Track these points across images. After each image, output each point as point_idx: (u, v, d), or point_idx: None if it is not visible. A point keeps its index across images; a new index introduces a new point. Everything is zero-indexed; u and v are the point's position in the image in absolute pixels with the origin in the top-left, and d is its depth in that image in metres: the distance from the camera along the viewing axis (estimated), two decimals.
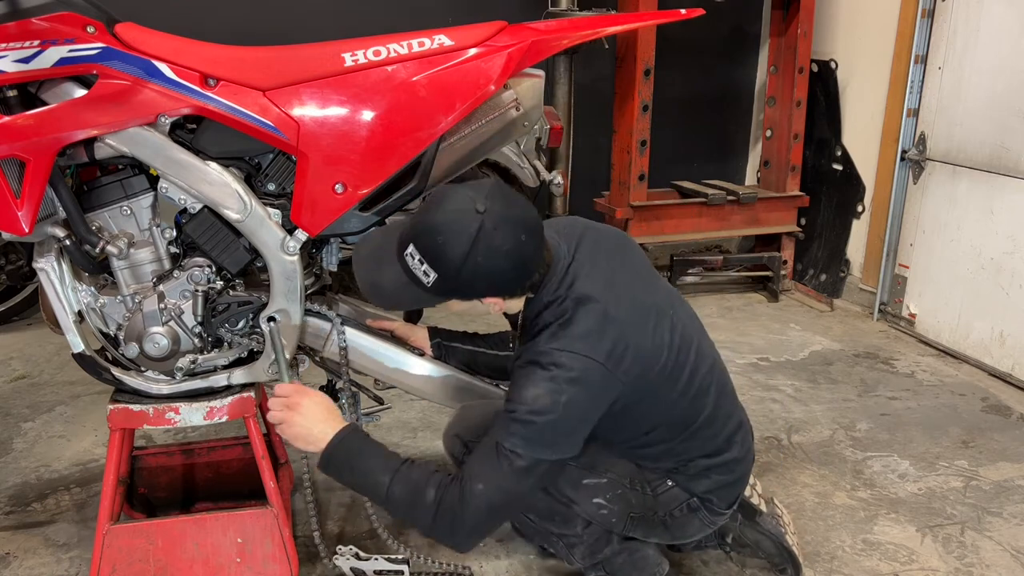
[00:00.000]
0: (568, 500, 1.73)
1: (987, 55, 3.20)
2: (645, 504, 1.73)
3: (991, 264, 3.22)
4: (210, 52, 1.70)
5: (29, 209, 1.61)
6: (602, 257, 1.65)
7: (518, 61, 1.72)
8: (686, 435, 1.70)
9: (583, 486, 1.72)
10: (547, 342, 1.54)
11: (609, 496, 1.72)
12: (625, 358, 1.54)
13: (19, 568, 2.02)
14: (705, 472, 1.73)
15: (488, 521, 1.57)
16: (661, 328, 1.62)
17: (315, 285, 1.95)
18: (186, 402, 1.82)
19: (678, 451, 1.72)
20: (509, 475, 1.51)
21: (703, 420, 1.70)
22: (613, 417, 1.60)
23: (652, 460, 1.74)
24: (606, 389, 1.54)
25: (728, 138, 4.66)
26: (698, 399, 1.69)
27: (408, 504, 1.56)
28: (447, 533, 1.56)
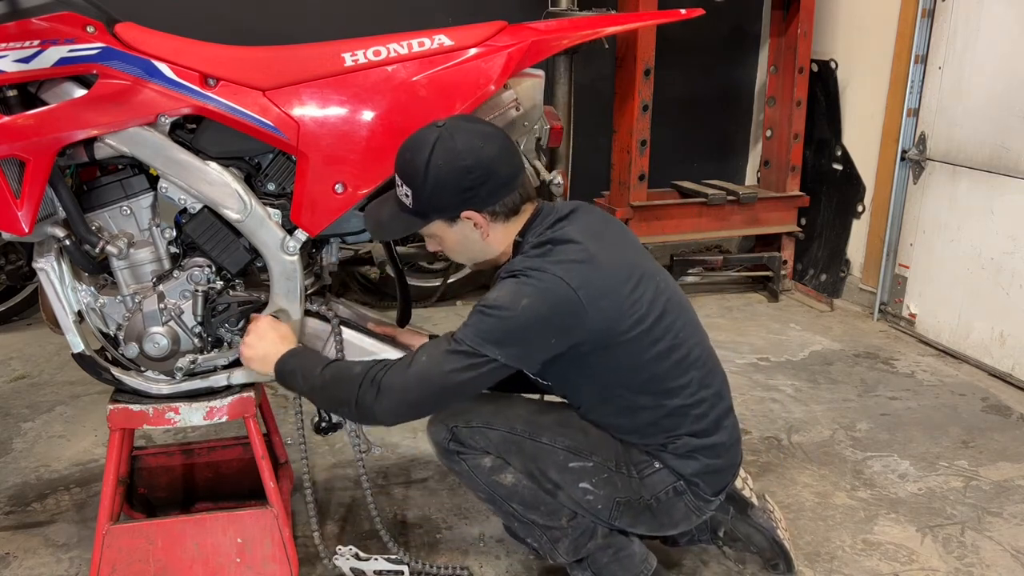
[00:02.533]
0: (554, 485, 1.72)
1: (987, 55, 3.20)
2: (631, 488, 1.71)
3: (991, 264, 3.22)
4: (210, 52, 1.70)
5: (29, 209, 1.61)
6: (596, 221, 1.69)
7: (518, 61, 1.72)
8: (673, 407, 1.68)
9: (569, 469, 1.71)
10: (523, 261, 1.59)
11: (595, 480, 1.71)
12: (596, 294, 1.55)
13: (19, 568, 2.02)
14: (692, 453, 1.70)
15: (413, 391, 1.55)
16: (644, 287, 1.63)
17: (315, 285, 1.95)
18: (186, 402, 1.82)
19: (665, 426, 1.69)
20: (448, 357, 1.53)
21: (690, 393, 1.69)
22: (587, 363, 1.61)
23: (640, 435, 1.71)
24: (571, 313, 1.54)
25: (728, 138, 4.66)
26: (684, 368, 1.68)
27: (338, 372, 1.61)
28: (365, 395, 1.55)
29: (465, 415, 1.74)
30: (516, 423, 1.73)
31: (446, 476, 2.42)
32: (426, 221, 1.63)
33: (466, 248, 1.69)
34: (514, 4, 3.84)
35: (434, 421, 1.77)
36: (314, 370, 1.64)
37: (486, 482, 1.75)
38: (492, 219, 1.63)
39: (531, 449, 1.71)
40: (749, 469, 2.46)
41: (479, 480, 1.75)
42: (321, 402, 1.71)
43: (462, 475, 1.78)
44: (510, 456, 1.73)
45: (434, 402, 1.61)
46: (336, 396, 1.61)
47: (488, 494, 1.77)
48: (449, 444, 1.75)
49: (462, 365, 1.53)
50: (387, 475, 2.44)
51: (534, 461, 1.71)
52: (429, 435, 1.79)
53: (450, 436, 1.74)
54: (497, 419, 1.74)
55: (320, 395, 1.65)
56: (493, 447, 1.73)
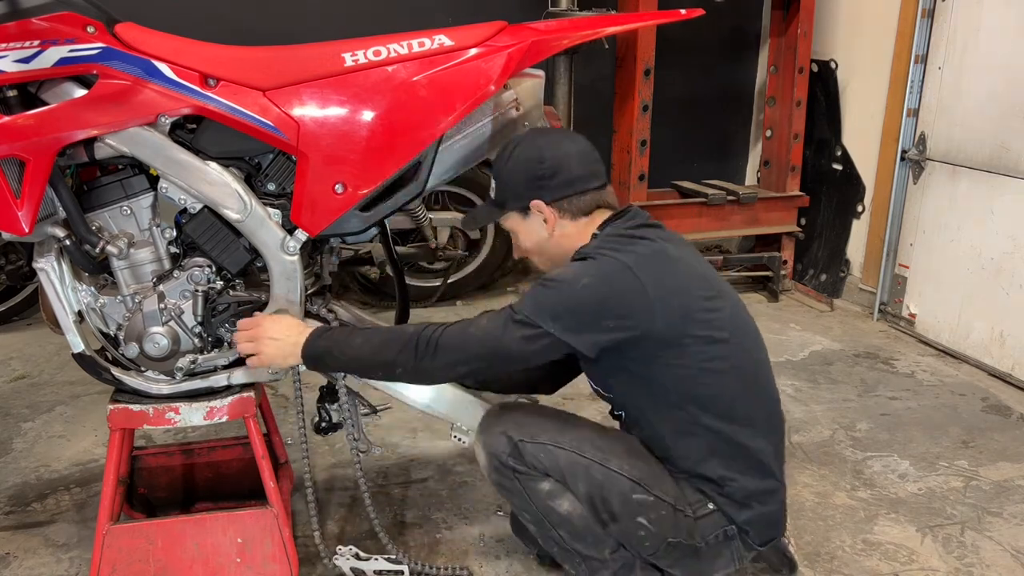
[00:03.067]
0: (611, 516, 1.65)
1: (987, 55, 3.20)
2: (685, 529, 1.66)
3: (991, 264, 3.22)
4: (210, 52, 1.70)
5: (29, 209, 1.61)
6: (678, 237, 1.72)
7: (518, 61, 1.72)
8: (736, 438, 1.64)
9: (632, 501, 1.64)
10: (595, 247, 1.62)
11: (653, 516, 1.64)
12: (666, 291, 1.56)
13: (19, 568, 2.02)
14: (748, 499, 1.67)
15: (470, 351, 1.57)
16: (723, 303, 1.64)
17: (315, 285, 1.95)
18: (186, 402, 1.82)
19: (725, 456, 1.65)
20: (507, 324, 1.56)
21: (757, 427, 1.66)
22: (652, 362, 1.59)
23: (696, 465, 1.66)
24: (633, 301, 1.55)
25: (728, 138, 4.66)
26: (754, 396, 1.66)
27: (385, 338, 1.63)
28: (424, 354, 1.57)
29: (530, 429, 1.66)
30: (585, 446, 1.66)
31: (446, 476, 2.42)
32: (503, 211, 1.73)
33: (539, 246, 1.73)
34: (514, 4, 3.84)
35: (492, 431, 1.68)
36: (352, 341, 1.65)
37: (540, 507, 1.67)
38: (560, 214, 1.68)
39: (599, 475, 1.64)
40: None
41: (532, 503, 1.67)
42: (367, 369, 1.70)
43: (513, 493, 1.69)
44: (575, 479, 1.64)
45: (488, 365, 1.62)
46: (387, 359, 1.62)
47: (537, 517, 1.69)
48: (509, 459, 1.65)
49: (519, 334, 1.55)
50: (387, 475, 2.44)
51: (600, 488, 1.64)
52: (483, 445, 1.69)
53: (511, 450, 1.64)
54: (565, 438, 1.66)
55: (367, 362, 1.66)
56: (558, 469, 1.64)
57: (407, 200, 1.80)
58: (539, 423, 1.69)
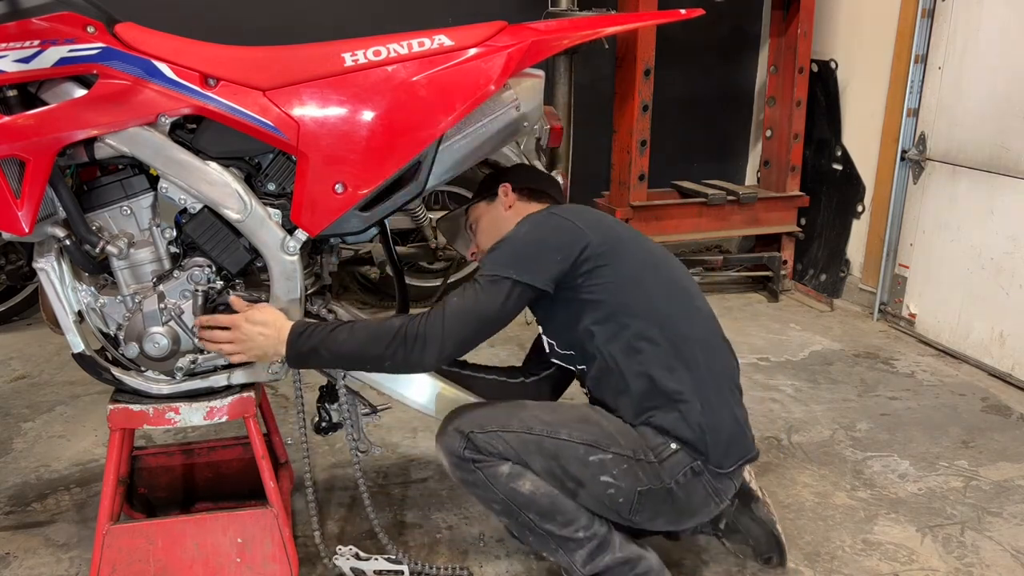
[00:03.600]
0: (575, 482, 1.70)
1: (987, 55, 3.20)
2: (651, 474, 1.70)
3: (991, 264, 3.22)
4: (210, 52, 1.70)
5: (29, 209, 1.61)
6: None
7: (518, 61, 1.71)
8: (682, 347, 1.73)
9: (590, 463, 1.70)
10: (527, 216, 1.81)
11: (616, 472, 1.70)
12: (594, 223, 1.77)
13: (19, 568, 2.02)
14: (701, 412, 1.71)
15: (455, 330, 1.65)
16: (652, 246, 1.84)
17: (315, 285, 1.95)
18: (186, 402, 1.82)
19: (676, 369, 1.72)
20: (476, 290, 1.68)
21: (699, 341, 1.77)
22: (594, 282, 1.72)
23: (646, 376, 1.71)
24: (568, 232, 1.73)
25: (728, 138, 4.66)
26: (690, 314, 1.79)
27: (370, 333, 1.67)
28: (412, 344, 1.64)
29: (479, 421, 1.73)
30: (532, 423, 1.72)
31: (446, 476, 2.41)
32: (474, 201, 1.97)
33: (494, 225, 1.90)
34: (514, 4, 3.84)
35: (445, 431, 1.75)
36: (336, 337, 1.66)
37: (504, 491, 1.70)
38: (518, 195, 1.92)
39: (551, 446, 1.70)
40: (749, 469, 2.46)
41: (496, 489, 1.71)
42: (353, 365, 1.77)
43: (477, 485, 1.73)
44: (530, 457, 1.70)
45: (475, 334, 1.70)
46: (375, 354, 1.66)
47: (504, 505, 1.72)
48: (464, 452, 1.71)
49: (488, 294, 1.67)
50: (387, 475, 2.44)
51: (555, 458, 1.70)
52: (441, 446, 1.75)
53: (465, 443, 1.71)
54: (513, 421, 1.72)
55: (353, 358, 1.71)
56: (512, 451, 1.70)
57: (407, 200, 1.79)
58: (488, 414, 1.76)
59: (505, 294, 1.67)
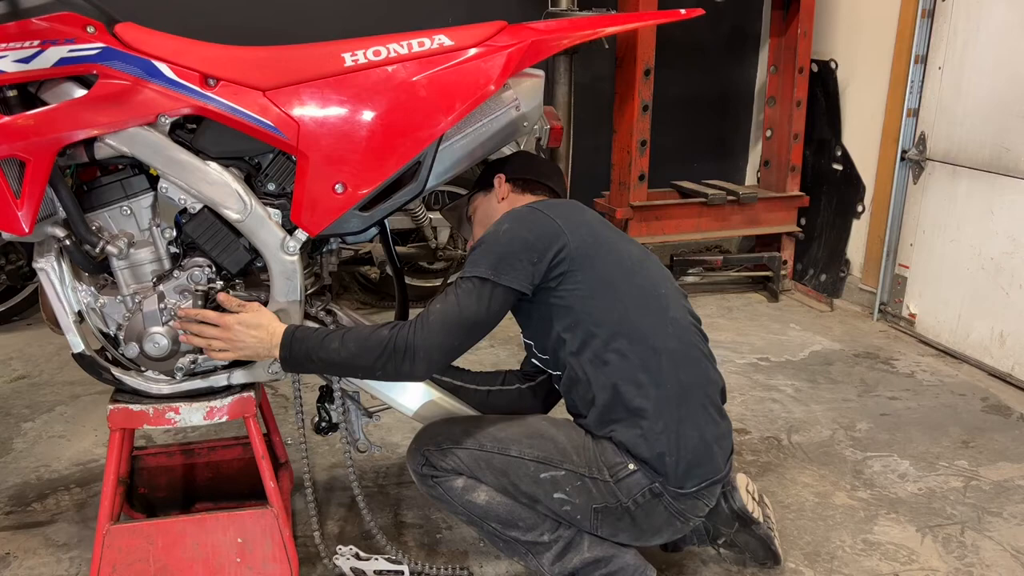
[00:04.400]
0: (529, 498, 1.71)
1: (987, 55, 3.20)
2: (606, 493, 1.68)
3: (991, 264, 3.22)
4: (210, 52, 1.70)
5: (29, 209, 1.61)
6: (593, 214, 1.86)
7: (518, 61, 1.72)
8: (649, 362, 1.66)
9: (541, 480, 1.69)
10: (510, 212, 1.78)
11: (569, 489, 1.69)
12: (576, 225, 1.72)
13: (19, 568, 2.02)
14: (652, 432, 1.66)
15: (440, 340, 1.62)
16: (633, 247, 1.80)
17: (315, 285, 1.95)
18: (186, 402, 1.82)
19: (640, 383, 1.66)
20: (458, 295, 1.65)
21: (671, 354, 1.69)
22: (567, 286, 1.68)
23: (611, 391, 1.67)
24: (549, 231, 1.68)
25: (728, 138, 4.66)
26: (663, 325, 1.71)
27: (360, 344, 1.64)
28: (401, 357, 1.61)
29: (435, 438, 1.75)
30: (484, 440, 1.73)
31: None
32: (474, 191, 1.95)
33: (488, 217, 1.87)
34: (514, 4, 3.84)
35: (410, 451, 1.79)
36: (327, 346, 1.65)
37: (461, 503, 1.73)
38: (512, 187, 1.89)
39: (500, 463, 1.70)
40: (749, 469, 2.46)
41: (454, 502, 1.73)
42: (344, 373, 1.77)
43: (439, 499, 1.76)
44: (481, 473, 1.71)
45: (461, 341, 1.66)
46: (366, 364, 1.65)
47: (466, 516, 1.75)
48: (423, 469, 1.75)
49: (470, 298, 1.64)
50: (387, 475, 2.44)
51: (505, 475, 1.70)
52: (409, 464, 1.79)
53: (423, 461, 1.75)
54: (466, 438, 1.74)
55: (345, 367, 1.69)
56: (464, 467, 1.72)
57: (407, 200, 1.80)
58: (445, 432, 1.77)
59: (487, 298, 1.64)
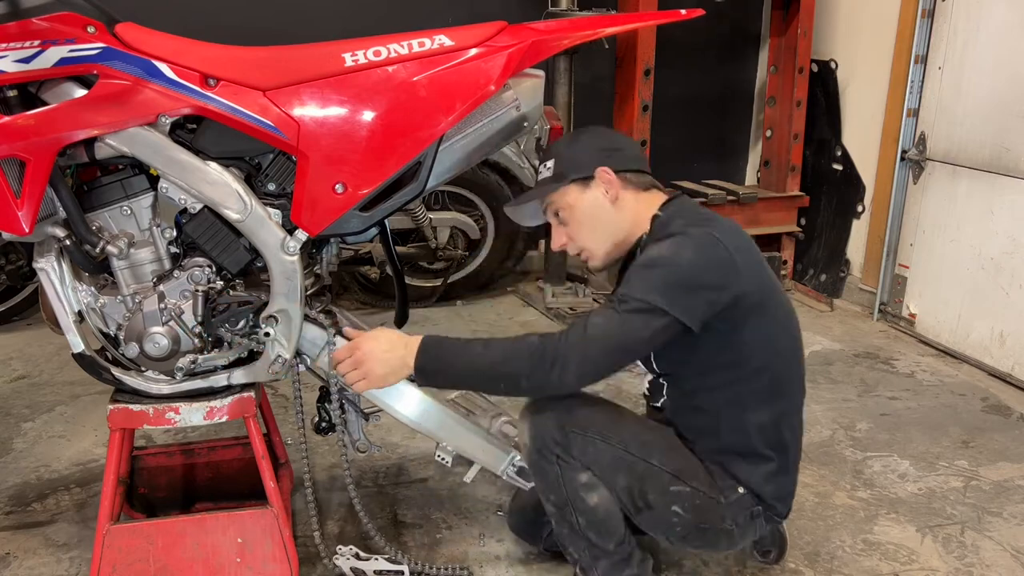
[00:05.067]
0: (646, 504, 1.69)
1: (987, 55, 3.20)
2: (716, 514, 1.71)
3: (991, 264, 3.22)
4: (210, 52, 1.70)
5: (29, 209, 1.61)
6: None
7: (518, 61, 1.71)
8: (790, 412, 1.75)
9: (669, 493, 1.68)
10: (680, 225, 1.66)
11: (687, 505, 1.69)
12: (748, 259, 1.64)
13: (19, 568, 2.02)
14: (775, 475, 1.74)
15: (597, 352, 1.57)
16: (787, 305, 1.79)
17: (315, 286, 1.95)
18: (186, 402, 1.82)
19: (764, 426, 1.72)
20: (624, 318, 1.56)
21: (796, 403, 1.78)
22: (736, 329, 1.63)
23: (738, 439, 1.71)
24: (729, 272, 1.60)
25: (728, 138, 4.66)
26: (796, 369, 1.77)
27: (507, 350, 1.60)
28: (550, 365, 1.56)
29: (580, 419, 1.68)
30: (630, 442, 1.69)
31: (446, 476, 2.42)
32: (561, 183, 1.73)
33: (596, 218, 1.73)
34: (514, 4, 3.84)
35: (543, 414, 1.68)
36: (470, 352, 1.64)
37: (571, 495, 1.69)
38: (624, 184, 1.72)
39: (641, 470, 1.68)
40: None
41: (564, 489, 1.69)
42: (486, 382, 1.69)
43: (546, 477, 1.70)
44: (616, 474, 1.67)
45: (616, 364, 1.63)
46: (508, 372, 1.61)
47: (561, 503, 1.71)
48: (555, 447, 1.66)
49: (637, 323, 1.56)
50: (387, 475, 2.44)
51: (640, 482, 1.68)
52: (531, 425, 1.69)
53: (560, 438, 1.66)
54: (613, 433, 1.68)
55: (487, 375, 1.64)
56: (600, 463, 1.67)
57: (407, 200, 1.79)
58: (589, 414, 1.71)
59: (654, 327, 1.56)
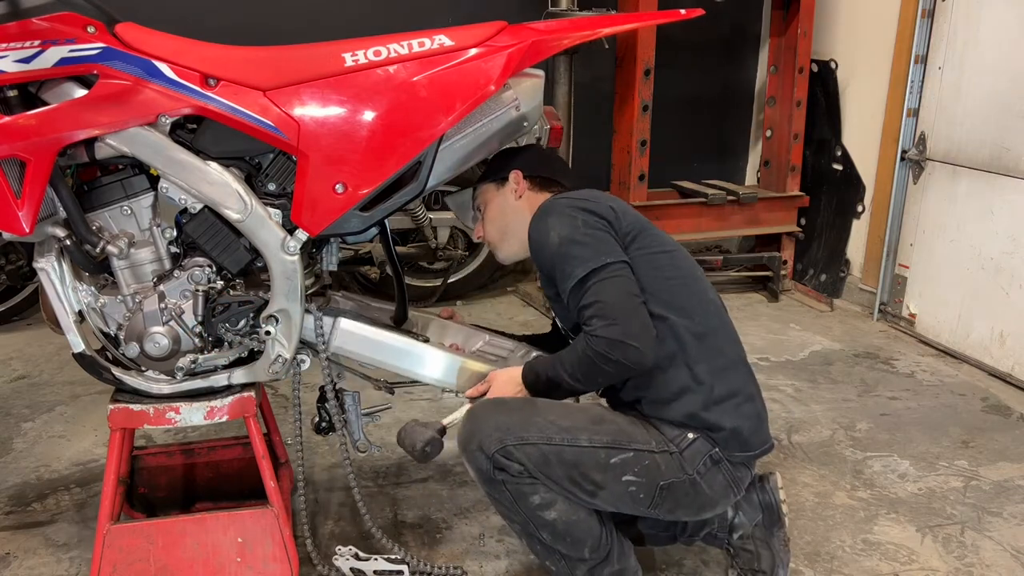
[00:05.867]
0: (595, 485, 1.68)
1: (987, 55, 3.20)
2: (673, 466, 1.70)
3: (991, 264, 3.22)
4: (210, 52, 1.70)
5: (30, 209, 1.61)
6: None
7: (518, 61, 1.72)
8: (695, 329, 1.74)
9: (611, 466, 1.68)
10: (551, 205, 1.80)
11: (637, 469, 1.69)
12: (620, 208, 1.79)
13: (19, 568, 2.02)
14: (717, 405, 1.73)
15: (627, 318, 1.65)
16: (666, 238, 1.83)
17: (315, 285, 1.95)
18: (186, 402, 1.82)
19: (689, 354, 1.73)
20: (604, 286, 1.67)
21: (720, 331, 1.79)
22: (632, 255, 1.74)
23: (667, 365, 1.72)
24: (607, 207, 1.76)
25: (728, 138, 4.66)
26: (705, 304, 1.79)
27: (578, 361, 1.69)
28: (623, 354, 1.64)
29: (497, 434, 1.66)
30: (551, 432, 1.68)
31: (446, 476, 2.43)
32: (483, 183, 1.95)
33: (503, 214, 1.91)
34: (514, 4, 3.84)
35: (470, 449, 1.69)
36: (561, 373, 1.72)
37: (529, 514, 1.69)
38: (530, 184, 1.91)
39: (571, 456, 1.67)
40: None
41: (521, 510, 1.69)
42: (588, 387, 1.78)
43: (503, 503, 1.71)
44: (550, 468, 1.66)
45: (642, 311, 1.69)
46: (593, 375, 1.69)
47: (523, 524, 1.72)
48: (494, 473, 1.67)
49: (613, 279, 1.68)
50: (387, 475, 2.44)
51: (576, 467, 1.66)
52: (468, 462, 1.71)
53: (490, 463, 1.67)
54: (530, 431, 1.67)
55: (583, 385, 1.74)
56: (533, 464, 1.66)
57: (407, 200, 1.80)
58: (505, 423, 1.68)
59: (619, 272, 1.68)
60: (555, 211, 1.75)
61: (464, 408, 1.79)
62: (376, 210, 1.78)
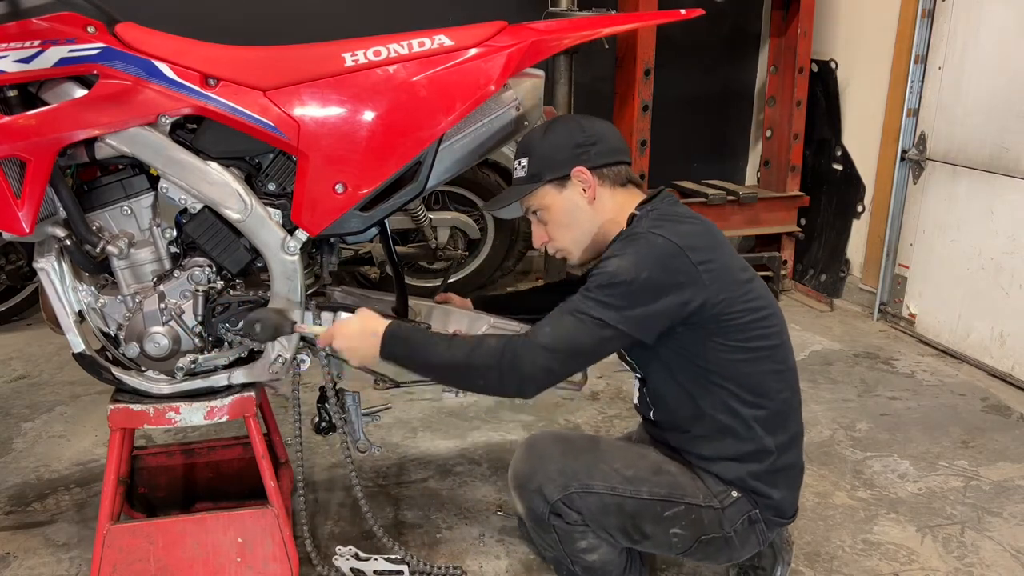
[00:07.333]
0: (642, 535, 1.68)
1: (987, 55, 3.20)
2: (715, 523, 1.68)
3: (991, 264, 3.22)
4: (210, 52, 1.70)
5: (30, 209, 1.61)
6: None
7: (518, 61, 1.72)
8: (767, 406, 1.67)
9: (664, 519, 1.67)
10: (644, 225, 1.62)
11: (684, 523, 1.67)
12: (708, 262, 1.57)
13: (19, 568, 2.02)
14: (769, 475, 1.70)
15: (549, 362, 1.56)
16: (757, 284, 1.67)
17: (315, 285, 1.95)
18: (186, 402, 1.82)
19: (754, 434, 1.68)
20: (578, 326, 1.55)
21: (783, 402, 1.70)
22: (698, 337, 1.61)
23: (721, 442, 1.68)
24: (685, 275, 1.56)
25: (728, 138, 4.66)
26: (781, 374, 1.70)
27: (468, 356, 1.59)
28: (508, 377, 1.56)
29: (564, 480, 1.65)
30: (614, 481, 1.66)
31: (446, 476, 2.43)
32: (537, 184, 1.70)
33: (574, 218, 1.71)
34: (514, 4, 3.84)
35: (528, 488, 1.67)
36: (432, 347, 1.62)
37: (570, 553, 1.69)
38: (600, 181, 1.69)
39: (631, 508, 1.66)
40: None
41: (563, 549, 1.69)
42: (443, 378, 1.70)
43: (546, 541, 1.71)
44: (607, 518, 1.65)
45: (569, 371, 1.64)
46: (467, 373, 1.61)
47: (561, 556, 1.71)
48: (549, 518, 1.66)
49: (587, 334, 1.55)
50: (387, 475, 2.44)
51: (632, 518, 1.66)
52: (522, 502, 1.69)
53: (549, 509, 1.65)
54: (596, 479, 1.66)
55: (444, 373, 1.66)
56: (591, 514, 1.65)
57: (407, 200, 1.80)
58: (570, 469, 1.66)
59: (603, 336, 1.56)
60: (641, 247, 1.58)
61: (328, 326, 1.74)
62: (376, 210, 1.78)
